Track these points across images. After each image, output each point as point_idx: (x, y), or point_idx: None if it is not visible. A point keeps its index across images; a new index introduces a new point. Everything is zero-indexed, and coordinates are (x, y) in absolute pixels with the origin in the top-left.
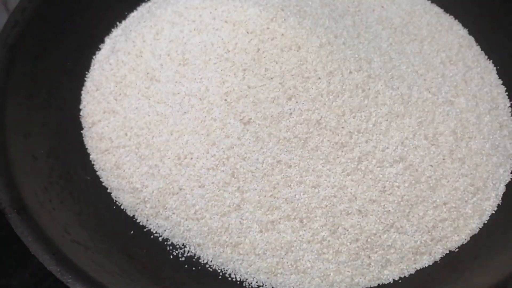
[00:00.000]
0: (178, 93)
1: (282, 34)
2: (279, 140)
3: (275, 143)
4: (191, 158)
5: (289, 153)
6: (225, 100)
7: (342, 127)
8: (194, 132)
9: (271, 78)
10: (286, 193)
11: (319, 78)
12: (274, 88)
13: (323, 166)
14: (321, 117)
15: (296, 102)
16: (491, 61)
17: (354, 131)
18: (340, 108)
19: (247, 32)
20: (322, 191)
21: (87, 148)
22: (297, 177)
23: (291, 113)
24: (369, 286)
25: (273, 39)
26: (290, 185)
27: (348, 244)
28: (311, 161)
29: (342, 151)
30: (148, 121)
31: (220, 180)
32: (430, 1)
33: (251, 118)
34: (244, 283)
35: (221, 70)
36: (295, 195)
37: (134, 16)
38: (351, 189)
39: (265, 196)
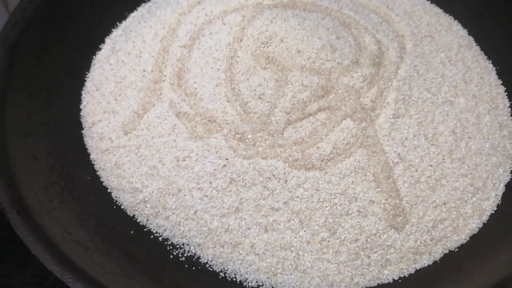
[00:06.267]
0: (177, 95)
1: (281, 39)
2: (278, 145)
3: (274, 148)
4: (190, 161)
5: (288, 156)
6: (222, 104)
7: (342, 128)
8: (191, 136)
9: (267, 86)
10: (286, 196)
11: (319, 81)
12: (272, 94)
13: (323, 168)
14: (321, 121)
15: (296, 107)
16: (490, 61)
17: (354, 131)
18: (339, 110)
19: (246, 34)
20: (322, 192)
21: (87, 148)
22: (296, 180)
23: (289, 118)
24: (369, 286)
25: (272, 40)
26: (289, 188)
27: (348, 244)
28: (311, 163)
29: (342, 153)
30: (147, 121)
31: (219, 184)
32: (430, 1)
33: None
34: (244, 283)
35: (219, 74)
36: (295, 197)
37: (134, 16)
38: (351, 190)
39: (264, 199)
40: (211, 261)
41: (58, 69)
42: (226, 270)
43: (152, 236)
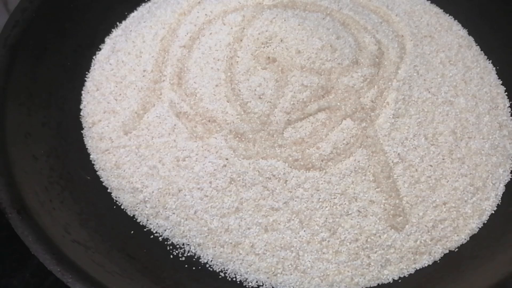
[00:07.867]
0: (177, 95)
1: (281, 39)
2: (278, 145)
3: (274, 148)
4: (190, 161)
5: (288, 156)
6: (222, 104)
7: (342, 128)
8: (191, 136)
9: (267, 86)
10: (286, 196)
11: (319, 81)
12: (272, 94)
13: (323, 168)
14: (321, 121)
15: (296, 107)
16: (490, 61)
17: (354, 131)
18: (339, 110)
19: (246, 34)
20: (322, 192)
21: (87, 148)
22: (296, 180)
23: (289, 118)
24: (369, 286)
25: (272, 40)
26: (289, 188)
27: (348, 244)
28: (311, 163)
29: (342, 152)
30: (147, 121)
31: (218, 184)
32: (430, 1)
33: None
34: (244, 283)
35: (219, 74)
36: (295, 197)
37: (134, 16)
38: (351, 190)
39: (264, 199)
40: (211, 261)
41: (58, 69)
42: (226, 270)
43: (152, 236)
